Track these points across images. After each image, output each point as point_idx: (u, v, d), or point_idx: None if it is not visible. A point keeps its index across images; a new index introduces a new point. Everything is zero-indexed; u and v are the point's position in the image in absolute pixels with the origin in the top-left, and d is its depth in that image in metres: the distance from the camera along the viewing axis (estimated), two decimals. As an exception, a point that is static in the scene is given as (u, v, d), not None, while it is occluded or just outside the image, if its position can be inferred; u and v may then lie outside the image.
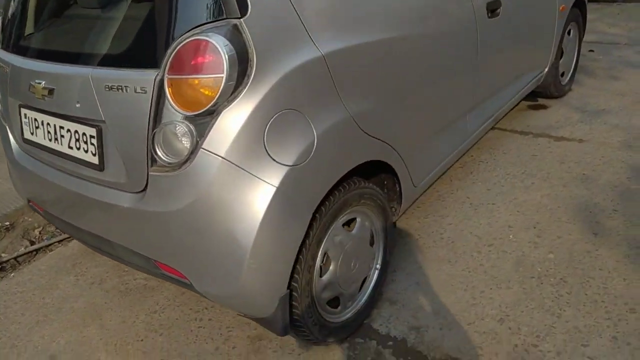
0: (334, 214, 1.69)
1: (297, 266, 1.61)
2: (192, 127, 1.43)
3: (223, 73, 1.36)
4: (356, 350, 1.87)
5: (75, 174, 1.76)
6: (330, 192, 1.66)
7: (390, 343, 1.88)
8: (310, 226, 1.60)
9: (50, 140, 1.80)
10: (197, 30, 1.39)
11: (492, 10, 2.36)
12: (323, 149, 1.55)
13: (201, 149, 1.42)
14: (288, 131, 1.48)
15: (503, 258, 2.20)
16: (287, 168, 1.46)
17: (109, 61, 1.55)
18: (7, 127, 2.08)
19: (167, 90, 1.41)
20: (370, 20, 1.74)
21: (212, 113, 1.41)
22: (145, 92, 1.46)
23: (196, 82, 1.39)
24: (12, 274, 2.60)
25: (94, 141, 1.63)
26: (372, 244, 1.97)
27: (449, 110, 2.27)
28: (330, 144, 1.57)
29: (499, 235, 2.34)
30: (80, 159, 1.70)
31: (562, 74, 3.54)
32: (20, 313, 2.28)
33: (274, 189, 1.45)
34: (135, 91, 1.48)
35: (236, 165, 1.42)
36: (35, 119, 1.84)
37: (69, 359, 2.00)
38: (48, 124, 1.78)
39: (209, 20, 1.40)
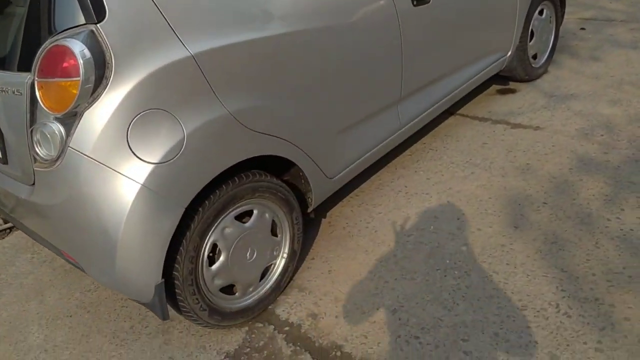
0: (220, 208, 1.77)
1: (178, 257, 1.71)
2: (60, 127, 1.53)
3: (79, 76, 1.45)
4: (253, 334, 1.97)
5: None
6: (215, 187, 1.74)
7: (287, 328, 1.97)
8: (192, 219, 1.69)
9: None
10: (61, 35, 1.48)
11: None
12: (194, 146, 1.62)
13: (69, 148, 1.52)
14: (153, 130, 1.55)
15: (418, 249, 2.23)
16: (152, 165, 1.55)
17: (-1, 64, 1.67)
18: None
19: (38, 93, 1.52)
20: (255, 18, 1.77)
21: (75, 114, 1.50)
22: (21, 94, 1.57)
23: (59, 84, 1.49)
24: (-21, 250, 2.82)
25: (-3, 137, 1.76)
26: (277, 234, 2.04)
27: (367, 104, 2.27)
28: (203, 141, 1.64)
29: (422, 226, 2.36)
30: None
31: (535, 56, 3.43)
32: (-26, 287, 2.50)
33: (138, 186, 1.54)
34: (14, 93, 1.59)
35: (101, 163, 1.52)
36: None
37: (4, 331, 2.19)
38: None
39: (70, 27, 1.48)
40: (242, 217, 1.91)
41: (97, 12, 1.47)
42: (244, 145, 1.77)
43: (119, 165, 1.53)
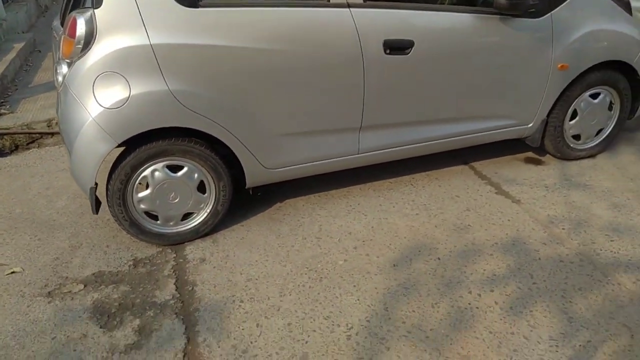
0: (152, 154, 2.49)
1: (112, 175, 2.48)
2: (65, 67, 2.40)
3: (75, 38, 2.27)
4: (159, 252, 2.66)
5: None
6: (151, 138, 2.45)
7: (181, 260, 2.62)
8: (128, 154, 2.45)
9: None
10: (78, 10, 2.32)
11: (395, 48, 2.62)
12: (135, 104, 2.34)
13: (65, 81, 2.38)
14: (110, 85, 2.32)
15: (311, 249, 2.64)
16: (102, 108, 2.32)
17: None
18: None
19: (61, 43, 2.40)
20: (219, 30, 2.38)
21: (71, 62, 2.34)
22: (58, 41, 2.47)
23: (67, 40, 2.34)
24: None
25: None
26: (205, 191, 2.68)
27: (317, 122, 2.70)
28: (142, 103, 2.35)
29: (333, 235, 2.75)
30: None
31: (578, 137, 3.30)
32: None
33: (90, 118, 2.33)
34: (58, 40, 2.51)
35: (75, 96, 2.35)
36: None
37: None
38: None
39: (86, 7, 2.31)
40: (176, 169, 2.59)
41: (97, 1, 2.26)
42: (176, 116, 2.43)
43: (84, 101, 2.34)
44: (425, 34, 2.68)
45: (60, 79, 2.45)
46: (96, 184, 2.51)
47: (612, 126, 3.37)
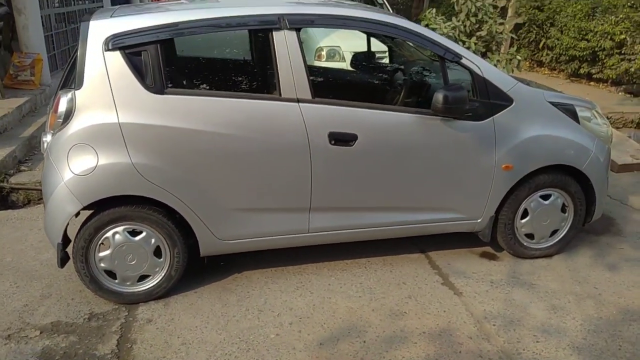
0: (113, 218, 2.81)
1: (77, 234, 2.79)
2: (50, 137, 2.79)
3: (57, 114, 2.68)
4: (114, 309, 2.90)
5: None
6: (112, 204, 2.76)
7: (130, 318, 2.85)
8: (92, 217, 2.77)
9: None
10: (63, 90, 2.73)
11: (339, 140, 2.90)
12: (101, 173, 2.69)
13: (47, 149, 2.76)
14: (82, 154, 2.70)
15: (245, 319, 2.82)
16: (73, 174, 2.68)
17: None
18: None
19: (49, 116, 2.80)
20: (180, 114, 2.75)
21: (54, 133, 2.73)
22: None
23: (52, 114, 2.75)
24: None
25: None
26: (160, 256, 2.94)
27: (267, 201, 2.98)
28: (107, 171, 2.71)
29: (276, 310, 2.93)
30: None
31: (531, 236, 3.41)
32: None
33: (62, 182, 2.69)
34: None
35: (53, 162, 2.72)
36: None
37: None
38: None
39: (70, 87, 2.72)
40: (136, 233, 2.87)
41: (78, 83, 2.67)
42: (136, 186, 2.76)
43: (59, 167, 2.72)
44: (368, 129, 2.97)
45: (45, 146, 2.84)
46: (69, 240, 2.82)
47: (567, 228, 3.47)
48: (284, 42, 2.88)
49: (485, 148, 3.13)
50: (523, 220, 3.39)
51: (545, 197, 3.38)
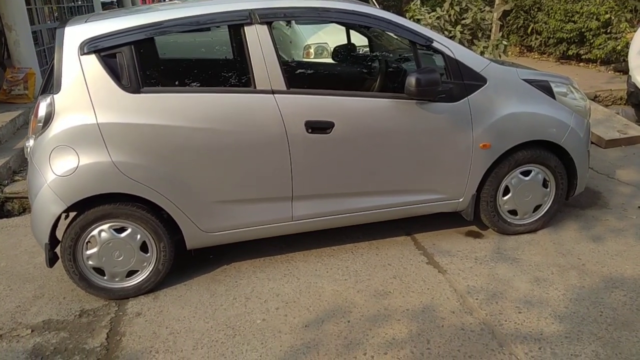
0: (98, 217, 2.87)
1: (64, 234, 2.85)
2: (32, 141, 2.86)
3: (38, 118, 2.74)
4: (104, 305, 2.96)
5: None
6: (97, 203, 2.83)
7: (120, 313, 2.92)
8: (78, 216, 2.83)
9: None
10: (44, 95, 2.80)
11: (316, 128, 2.95)
12: (82, 173, 2.75)
13: (29, 153, 2.83)
14: (63, 156, 2.76)
15: (233, 306, 2.87)
16: (55, 175, 2.75)
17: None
18: None
19: (31, 121, 2.87)
20: (157, 111, 2.81)
21: (35, 137, 2.80)
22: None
23: (34, 119, 2.81)
24: None
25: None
26: (147, 251, 2.99)
27: (249, 192, 3.03)
28: (88, 172, 2.76)
29: (263, 297, 2.99)
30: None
31: (514, 212, 3.45)
32: None
33: (46, 184, 2.76)
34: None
35: (36, 166, 2.79)
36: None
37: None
38: None
39: (49, 92, 2.79)
40: (122, 230, 2.93)
41: (56, 87, 2.74)
42: (117, 184, 2.82)
43: (42, 169, 2.78)
44: (345, 116, 3.02)
45: (28, 150, 2.91)
46: (58, 241, 2.89)
47: (550, 203, 3.50)
48: (255, 36, 2.94)
49: (461, 128, 3.18)
50: (505, 197, 3.42)
51: (526, 173, 3.41)
